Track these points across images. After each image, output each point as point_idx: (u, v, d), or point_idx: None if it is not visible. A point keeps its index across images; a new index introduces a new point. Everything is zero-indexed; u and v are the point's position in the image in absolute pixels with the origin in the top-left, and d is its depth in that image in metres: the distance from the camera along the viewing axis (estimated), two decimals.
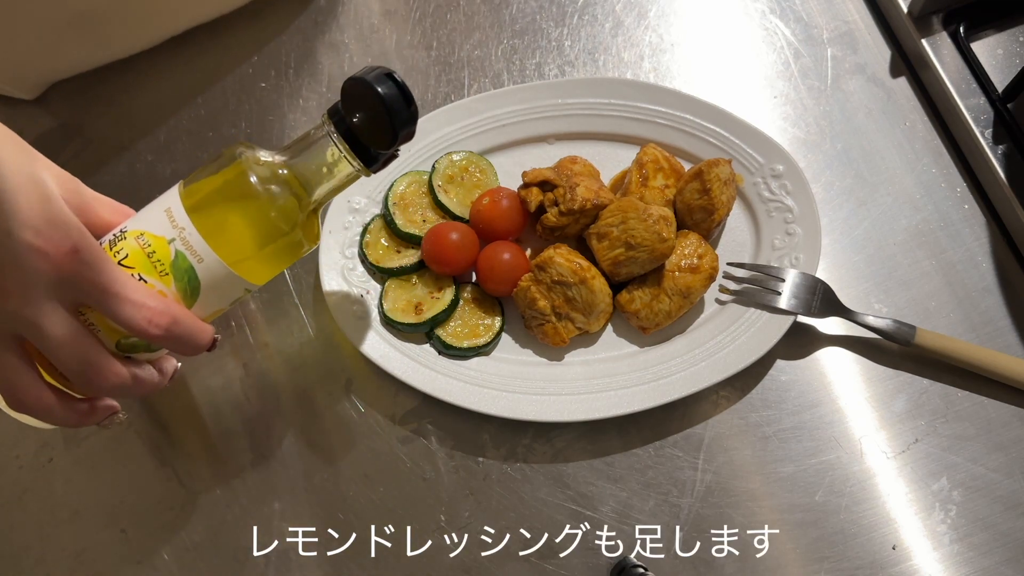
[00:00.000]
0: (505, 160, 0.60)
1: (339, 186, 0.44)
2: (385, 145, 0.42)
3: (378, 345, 0.54)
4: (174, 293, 0.41)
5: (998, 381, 0.53)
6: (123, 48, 0.63)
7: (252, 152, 0.43)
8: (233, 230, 0.42)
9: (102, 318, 0.40)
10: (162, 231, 0.41)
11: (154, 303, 0.39)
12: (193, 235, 0.41)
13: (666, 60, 0.63)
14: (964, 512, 0.51)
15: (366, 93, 0.40)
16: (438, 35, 0.65)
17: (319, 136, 0.43)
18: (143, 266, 0.41)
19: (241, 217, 0.42)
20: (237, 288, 0.44)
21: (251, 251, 0.42)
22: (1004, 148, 0.57)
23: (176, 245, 0.41)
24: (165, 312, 0.39)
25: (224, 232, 0.42)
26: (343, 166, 0.43)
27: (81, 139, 0.63)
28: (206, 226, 0.41)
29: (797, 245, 0.55)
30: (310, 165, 0.43)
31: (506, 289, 0.55)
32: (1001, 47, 0.60)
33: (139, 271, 0.41)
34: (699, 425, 0.54)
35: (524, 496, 0.53)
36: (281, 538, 0.52)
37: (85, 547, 0.53)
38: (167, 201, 0.42)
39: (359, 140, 0.42)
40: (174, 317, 0.40)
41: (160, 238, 0.41)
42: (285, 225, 0.43)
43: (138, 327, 0.39)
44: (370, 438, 0.54)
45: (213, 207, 0.42)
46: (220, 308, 0.45)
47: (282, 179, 0.42)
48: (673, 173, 0.56)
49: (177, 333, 0.40)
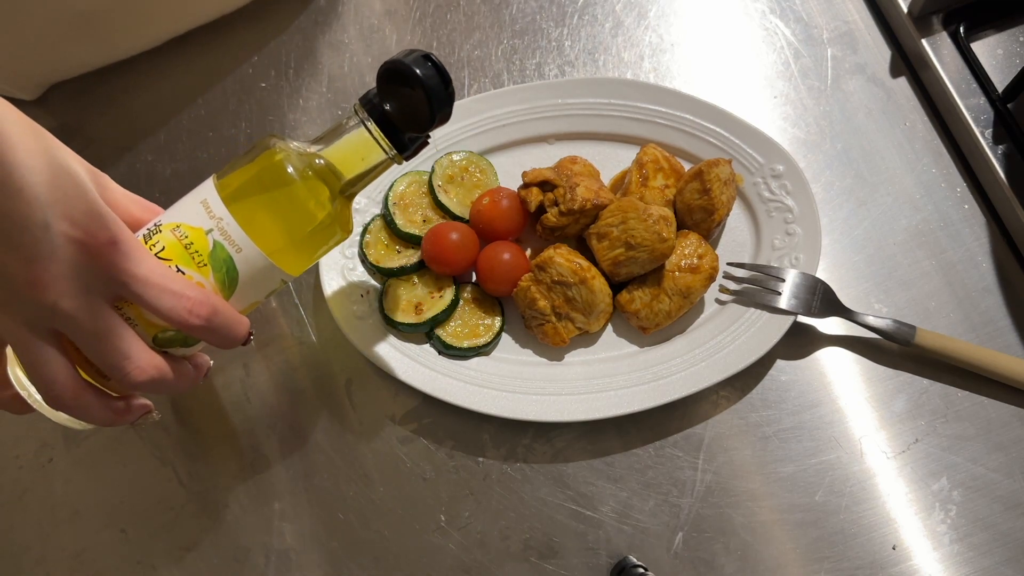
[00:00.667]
0: (505, 160, 0.60)
1: (371, 173, 0.45)
2: (421, 128, 0.42)
3: (378, 345, 0.54)
4: (212, 284, 0.41)
5: (998, 381, 0.53)
6: (124, 49, 0.63)
7: (285, 143, 0.43)
8: (270, 219, 0.42)
9: (139, 312, 0.40)
10: (199, 222, 0.41)
11: (194, 293, 0.39)
12: (231, 225, 0.41)
13: (666, 60, 0.63)
14: (964, 512, 0.51)
15: (405, 76, 0.40)
16: (438, 35, 0.65)
17: (352, 124, 0.43)
18: (181, 258, 0.41)
19: (278, 206, 0.42)
20: (274, 279, 0.44)
21: (288, 239, 0.43)
22: (1004, 148, 0.57)
23: (214, 236, 0.41)
24: (205, 302, 0.39)
25: (262, 221, 0.42)
26: (376, 154, 0.44)
27: (81, 139, 0.63)
28: (244, 215, 0.41)
29: (797, 245, 0.55)
30: (343, 153, 0.43)
31: (506, 289, 0.55)
32: (1001, 47, 0.60)
33: (176, 263, 0.41)
34: (699, 425, 0.54)
35: (524, 496, 0.53)
36: (281, 538, 0.52)
37: (85, 547, 0.53)
38: (202, 193, 0.42)
39: (392, 126, 0.43)
40: (214, 307, 0.40)
41: (198, 229, 0.41)
42: (321, 213, 0.43)
43: (179, 317, 0.38)
44: (370, 438, 0.55)
45: (250, 197, 0.42)
46: (256, 300, 0.45)
47: (316, 168, 0.43)
48: (673, 173, 0.56)
49: (217, 324, 0.40)
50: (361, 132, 0.43)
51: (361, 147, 0.43)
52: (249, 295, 0.43)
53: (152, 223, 0.42)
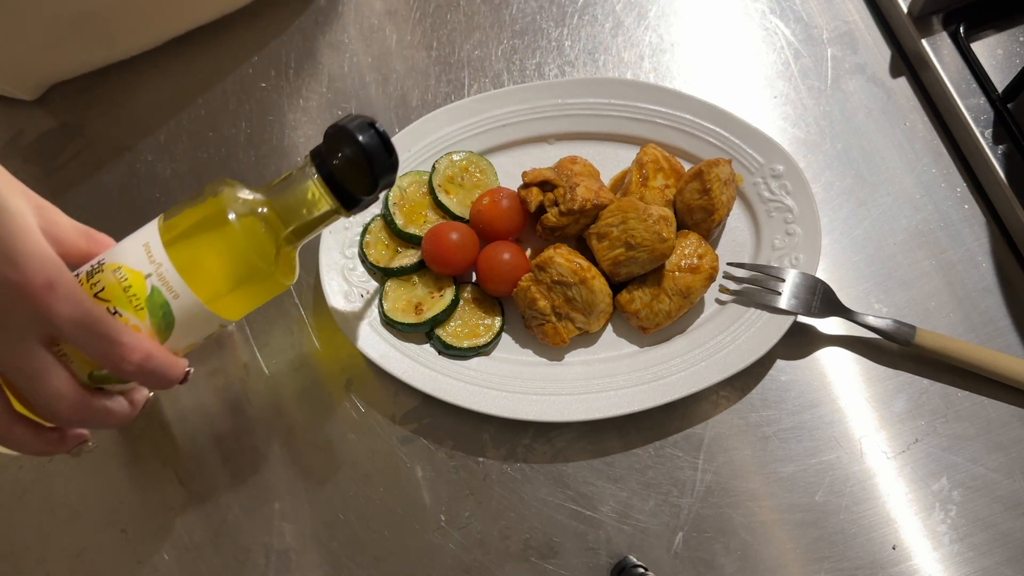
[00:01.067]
0: (505, 160, 0.60)
1: (318, 225, 0.44)
2: (365, 191, 0.43)
3: (378, 345, 0.54)
4: (148, 328, 0.41)
5: (998, 381, 0.53)
6: (125, 49, 0.63)
7: (232, 189, 0.43)
8: (210, 267, 0.42)
9: (74, 349, 0.40)
10: (139, 266, 0.41)
11: (127, 339, 0.39)
12: (170, 271, 0.41)
13: (666, 60, 0.63)
14: (964, 512, 0.51)
15: (348, 141, 0.41)
16: (438, 35, 0.65)
17: (301, 176, 0.43)
18: (119, 300, 0.41)
19: (218, 254, 0.42)
20: (212, 324, 0.44)
21: (227, 288, 0.43)
22: (1004, 148, 0.57)
23: (152, 280, 0.41)
24: (136, 348, 0.39)
25: (201, 269, 0.42)
26: (323, 205, 0.43)
27: (81, 139, 0.63)
28: (183, 262, 0.41)
29: (797, 245, 0.55)
30: (290, 203, 0.43)
31: (506, 289, 0.55)
32: (1001, 47, 0.60)
33: (114, 304, 0.41)
34: (699, 425, 0.54)
35: (524, 496, 0.53)
36: (281, 538, 0.52)
37: (85, 547, 0.53)
38: (146, 235, 0.42)
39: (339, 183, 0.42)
40: (146, 353, 0.40)
41: (137, 273, 0.41)
42: (262, 263, 0.43)
43: (110, 363, 0.39)
44: (370, 438, 0.55)
45: (190, 243, 0.42)
46: (194, 342, 0.45)
47: (260, 216, 0.43)
48: (673, 173, 0.56)
49: (148, 369, 0.40)
50: (308, 184, 0.43)
51: (307, 198, 0.43)
52: (186, 338, 0.43)
53: (96, 260, 0.43)
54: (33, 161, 0.63)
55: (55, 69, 0.62)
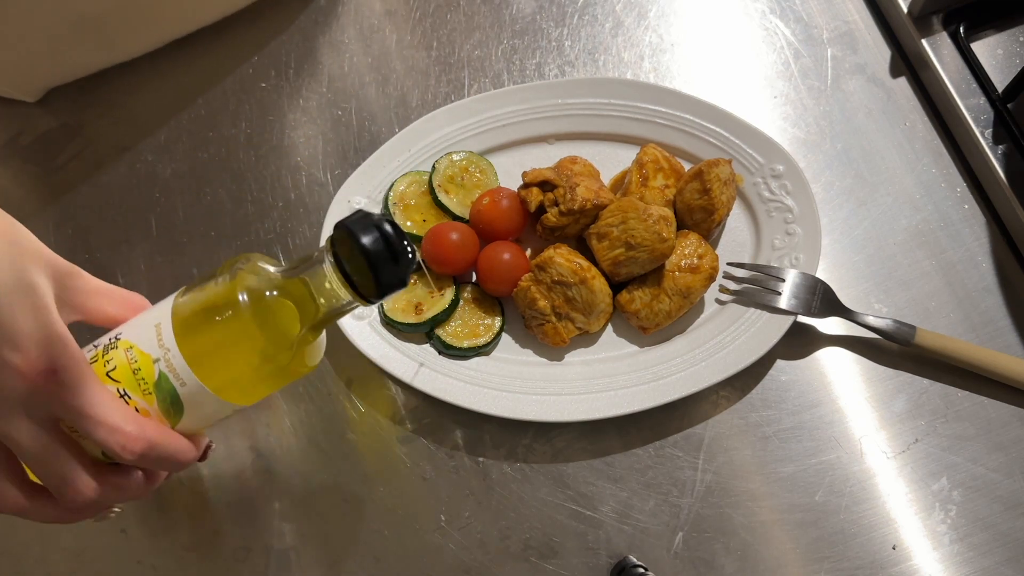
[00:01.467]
0: (505, 160, 0.60)
1: (339, 313, 0.40)
2: (374, 294, 0.38)
3: (378, 345, 0.54)
4: (156, 412, 0.40)
5: (998, 381, 0.53)
6: (126, 51, 0.63)
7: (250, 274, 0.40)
8: (219, 357, 0.40)
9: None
10: (149, 348, 0.39)
11: (130, 428, 0.37)
12: (177, 359, 0.39)
13: (666, 60, 0.63)
14: (964, 512, 0.51)
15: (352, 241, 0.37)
16: (438, 35, 0.65)
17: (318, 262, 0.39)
18: (128, 381, 0.39)
19: (228, 345, 0.39)
20: (224, 409, 0.41)
21: (237, 378, 0.40)
22: (1004, 148, 0.57)
23: (160, 366, 0.39)
24: (139, 438, 0.38)
25: (210, 358, 0.39)
26: (342, 296, 0.39)
27: (82, 139, 0.63)
28: (191, 350, 0.39)
29: (797, 245, 0.55)
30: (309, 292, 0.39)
31: (506, 289, 0.55)
32: (1001, 47, 0.60)
33: (124, 386, 0.39)
34: (699, 425, 0.54)
35: (524, 496, 0.53)
36: (281, 538, 0.52)
37: (85, 547, 0.53)
38: (159, 314, 0.40)
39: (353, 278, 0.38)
40: (150, 442, 0.38)
41: (146, 355, 0.39)
42: (276, 354, 0.40)
43: (112, 451, 0.38)
44: (370, 438, 0.55)
45: (200, 330, 0.39)
46: (207, 424, 0.43)
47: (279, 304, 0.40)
48: (673, 173, 0.56)
49: (153, 457, 0.39)
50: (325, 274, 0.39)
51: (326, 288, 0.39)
52: (198, 421, 0.41)
53: (116, 332, 0.41)
54: (33, 161, 0.63)
55: (56, 71, 0.62)
